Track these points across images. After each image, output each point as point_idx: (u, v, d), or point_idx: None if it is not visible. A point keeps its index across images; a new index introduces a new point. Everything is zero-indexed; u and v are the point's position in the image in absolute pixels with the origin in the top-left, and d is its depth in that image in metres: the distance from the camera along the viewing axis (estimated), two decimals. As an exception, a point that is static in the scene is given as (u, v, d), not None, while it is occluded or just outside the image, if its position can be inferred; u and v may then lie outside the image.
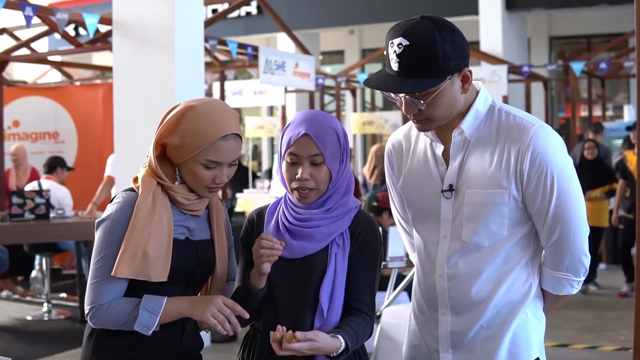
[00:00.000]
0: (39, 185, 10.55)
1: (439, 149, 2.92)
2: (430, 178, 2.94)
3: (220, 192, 13.62)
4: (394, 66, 2.71)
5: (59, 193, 10.58)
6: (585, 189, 10.31)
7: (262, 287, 2.98)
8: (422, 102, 2.72)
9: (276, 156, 2.93)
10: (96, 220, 2.90)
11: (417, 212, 3.04)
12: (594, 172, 11.42)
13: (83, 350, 2.98)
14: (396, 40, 2.68)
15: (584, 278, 2.94)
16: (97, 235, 2.86)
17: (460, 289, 2.90)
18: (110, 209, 2.88)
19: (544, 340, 3.00)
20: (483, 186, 2.81)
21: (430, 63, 2.67)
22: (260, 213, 3.17)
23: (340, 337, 2.83)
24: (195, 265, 2.96)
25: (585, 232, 2.87)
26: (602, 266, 12.91)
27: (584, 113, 19.53)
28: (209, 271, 3.04)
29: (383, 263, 6.98)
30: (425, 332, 3.05)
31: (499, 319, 2.88)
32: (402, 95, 2.77)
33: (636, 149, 10.45)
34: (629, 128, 11.21)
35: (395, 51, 2.69)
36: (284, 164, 3.02)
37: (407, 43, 2.66)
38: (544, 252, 2.91)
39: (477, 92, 2.90)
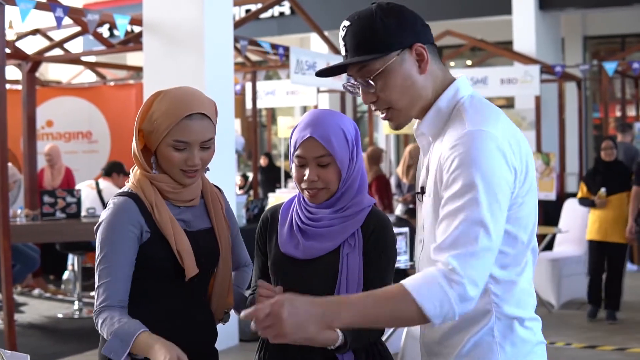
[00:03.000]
0: (97, 184, 10.76)
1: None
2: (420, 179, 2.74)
3: (252, 192, 13.70)
4: (342, 50, 2.60)
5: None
6: (597, 192, 9.79)
7: None
8: (371, 82, 2.53)
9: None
10: (95, 227, 2.96)
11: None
12: (609, 176, 9.70)
13: (100, 350, 2.96)
14: (342, 25, 2.59)
15: None
16: (97, 239, 2.92)
17: None
18: (104, 214, 2.94)
19: None
20: (428, 192, 2.57)
21: (369, 38, 2.52)
22: (274, 212, 3.18)
23: (338, 330, 2.75)
24: (198, 254, 2.97)
25: None
26: (633, 267, 12.65)
27: (618, 113, 19.39)
28: (214, 259, 3.06)
29: (410, 263, 6.99)
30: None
31: (458, 334, 2.60)
32: (357, 83, 2.59)
33: None
34: None
35: (340, 35, 2.59)
36: (293, 166, 3.03)
37: (349, 23, 2.56)
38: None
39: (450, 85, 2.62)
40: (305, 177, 2.97)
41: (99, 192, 10.70)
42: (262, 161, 17.59)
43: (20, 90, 12.47)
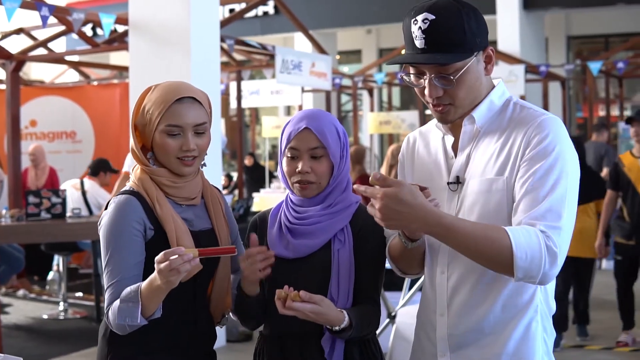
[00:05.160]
0: (82, 184, 10.70)
1: (449, 141, 2.79)
2: (438, 172, 2.79)
3: (237, 192, 13.67)
4: (419, 43, 2.59)
5: (99, 195, 10.67)
6: None
7: (256, 293, 3.00)
8: (452, 77, 2.60)
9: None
10: (98, 226, 2.94)
11: None
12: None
13: (99, 349, 3.00)
14: (420, 17, 2.57)
15: None
16: (102, 240, 2.90)
17: (461, 288, 2.70)
18: (106, 213, 2.92)
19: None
20: (485, 174, 2.64)
21: (457, 37, 2.58)
22: (263, 217, 3.21)
23: (345, 312, 2.85)
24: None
25: None
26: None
27: (601, 113, 19.46)
28: (215, 260, 3.03)
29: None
30: (423, 334, 2.86)
31: (500, 324, 2.66)
32: (426, 77, 2.64)
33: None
34: (628, 121, 8.46)
35: (420, 27, 2.58)
36: (284, 160, 3.05)
37: (433, 17, 2.56)
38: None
39: (494, 86, 2.77)
40: (298, 169, 2.99)
41: (84, 193, 10.64)
42: (247, 161, 17.57)
43: (4, 90, 12.39)
